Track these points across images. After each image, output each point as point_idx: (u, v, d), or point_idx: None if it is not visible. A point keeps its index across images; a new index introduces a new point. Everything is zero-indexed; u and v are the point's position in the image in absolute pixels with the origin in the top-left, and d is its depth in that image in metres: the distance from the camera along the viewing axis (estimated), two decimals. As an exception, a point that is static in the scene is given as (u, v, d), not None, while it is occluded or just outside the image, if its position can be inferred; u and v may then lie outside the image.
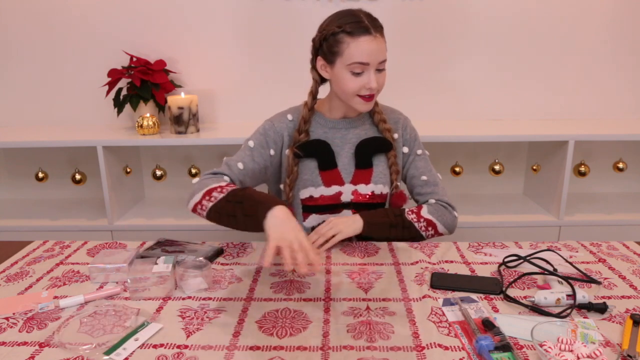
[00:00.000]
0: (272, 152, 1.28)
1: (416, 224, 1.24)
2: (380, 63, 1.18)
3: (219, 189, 1.11)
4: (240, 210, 1.05)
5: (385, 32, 1.21)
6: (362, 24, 1.15)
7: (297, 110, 1.31)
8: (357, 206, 1.31)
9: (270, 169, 1.30)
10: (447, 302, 0.96)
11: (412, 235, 1.25)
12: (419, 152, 1.35)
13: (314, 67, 1.26)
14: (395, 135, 1.33)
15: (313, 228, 1.31)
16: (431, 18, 2.05)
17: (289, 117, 1.30)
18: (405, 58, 2.09)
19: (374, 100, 1.22)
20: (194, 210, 1.14)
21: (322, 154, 1.28)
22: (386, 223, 1.23)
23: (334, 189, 1.29)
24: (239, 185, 1.21)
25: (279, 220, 0.99)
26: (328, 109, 1.31)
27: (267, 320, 0.91)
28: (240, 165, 1.23)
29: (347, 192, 1.30)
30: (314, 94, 1.29)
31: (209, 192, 1.12)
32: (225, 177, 1.20)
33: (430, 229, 1.26)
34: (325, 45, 1.19)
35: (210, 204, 1.10)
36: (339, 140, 1.30)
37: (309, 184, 1.29)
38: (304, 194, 1.29)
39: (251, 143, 1.27)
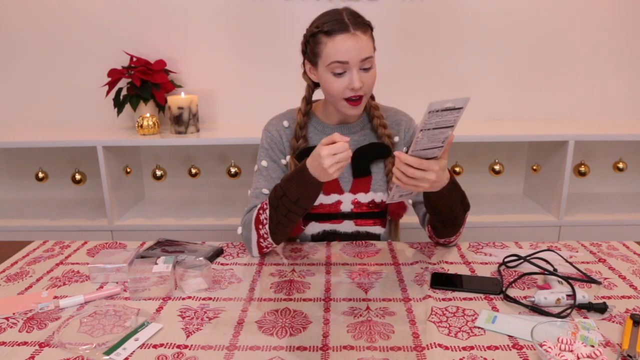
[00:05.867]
0: (283, 161, 1.26)
1: (467, 213, 1.17)
2: (363, 61, 1.11)
3: (261, 212, 1.14)
4: (289, 201, 1.08)
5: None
6: (340, 22, 1.10)
7: (294, 114, 1.28)
8: (358, 216, 1.28)
9: None
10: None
11: (459, 222, 1.16)
12: None
13: (305, 72, 1.23)
14: (396, 139, 1.28)
15: (313, 236, 1.31)
16: (431, 18, 2.05)
17: (285, 123, 1.26)
18: (405, 58, 2.09)
19: (362, 103, 1.15)
20: (260, 249, 1.18)
21: None
22: (461, 192, 1.13)
23: (333, 198, 1.26)
24: None
25: (312, 166, 1.03)
26: (324, 114, 1.27)
27: (267, 320, 0.91)
28: (265, 191, 1.22)
29: (346, 201, 1.27)
30: (307, 99, 1.25)
31: (257, 223, 1.14)
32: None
33: (462, 229, 1.20)
34: (309, 48, 1.17)
35: (267, 226, 1.13)
36: None
37: None
38: None
39: (264, 163, 1.25)
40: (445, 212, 1.12)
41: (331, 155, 0.99)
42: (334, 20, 1.11)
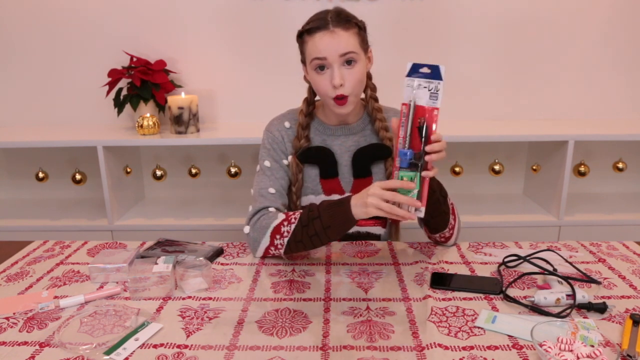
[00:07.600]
0: (285, 161, 1.26)
1: (450, 205, 1.18)
2: (343, 57, 1.11)
3: (285, 224, 1.11)
4: (320, 225, 1.07)
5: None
6: (322, 20, 1.12)
7: (295, 115, 1.28)
8: None
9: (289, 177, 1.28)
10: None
11: (443, 209, 1.16)
12: None
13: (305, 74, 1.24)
14: None
15: None
16: (431, 18, 2.05)
17: (286, 124, 1.27)
18: (404, 58, 2.08)
19: (348, 103, 1.15)
20: (266, 254, 1.16)
21: (324, 162, 1.25)
22: (443, 189, 1.17)
23: (334, 198, 1.26)
24: (284, 209, 1.22)
25: (357, 198, 1.04)
26: (323, 115, 1.28)
27: (267, 320, 0.91)
28: (271, 190, 1.21)
29: None
30: (308, 100, 1.26)
31: (276, 231, 1.12)
32: (271, 209, 1.17)
33: (452, 220, 1.19)
34: (300, 50, 1.19)
35: (286, 239, 1.11)
36: (338, 148, 1.26)
37: (309, 191, 1.27)
38: (304, 201, 1.27)
39: (267, 163, 1.25)
40: (439, 209, 1.12)
41: (381, 194, 0.99)
42: (317, 20, 1.13)
